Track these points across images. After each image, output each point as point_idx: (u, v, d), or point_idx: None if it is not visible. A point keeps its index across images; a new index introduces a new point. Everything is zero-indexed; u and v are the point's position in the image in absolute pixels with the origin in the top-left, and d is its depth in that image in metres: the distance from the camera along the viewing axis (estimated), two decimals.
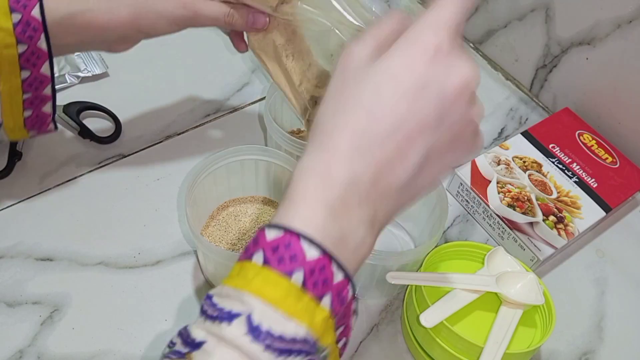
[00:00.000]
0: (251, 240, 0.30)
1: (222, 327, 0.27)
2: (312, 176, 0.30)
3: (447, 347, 0.44)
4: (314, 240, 0.28)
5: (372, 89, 0.30)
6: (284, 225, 0.29)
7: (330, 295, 0.29)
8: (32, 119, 0.47)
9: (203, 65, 0.70)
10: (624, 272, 0.57)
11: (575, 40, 0.64)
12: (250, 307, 0.27)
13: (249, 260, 0.29)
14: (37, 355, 0.47)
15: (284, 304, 0.27)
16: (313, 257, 0.28)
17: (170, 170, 0.60)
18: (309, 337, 0.28)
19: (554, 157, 0.61)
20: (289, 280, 0.28)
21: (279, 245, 0.28)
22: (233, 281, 0.29)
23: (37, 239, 0.54)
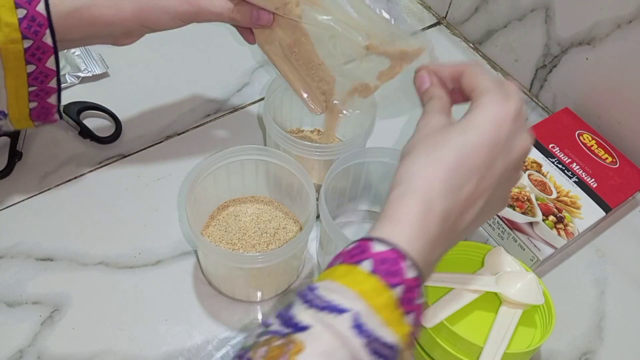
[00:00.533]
0: (355, 247, 0.33)
1: (331, 317, 0.29)
2: (414, 202, 0.33)
3: (447, 347, 0.44)
4: (415, 262, 0.32)
5: (459, 135, 0.35)
6: (390, 242, 0.32)
7: (414, 315, 0.32)
8: (38, 110, 0.48)
9: (203, 65, 0.71)
10: (624, 272, 0.57)
11: (575, 40, 0.64)
12: (357, 305, 0.30)
13: (357, 265, 0.32)
14: (37, 355, 0.47)
15: (384, 311, 0.30)
16: (412, 276, 0.32)
17: (170, 170, 0.60)
18: (397, 347, 0.30)
19: (554, 157, 0.61)
20: (392, 292, 0.31)
21: (386, 259, 0.31)
22: (342, 280, 0.31)
23: (37, 239, 0.54)
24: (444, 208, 0.33)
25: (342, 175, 0.52)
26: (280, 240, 0.53)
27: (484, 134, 0.34)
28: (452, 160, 0.34)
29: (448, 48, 0.77)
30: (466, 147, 0.34)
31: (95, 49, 0.68)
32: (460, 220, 0.35)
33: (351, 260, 0.32)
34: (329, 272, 0.32)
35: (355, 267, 0.31)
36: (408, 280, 0.31)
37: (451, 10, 0.79)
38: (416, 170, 0.34)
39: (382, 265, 0.31)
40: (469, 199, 0.34)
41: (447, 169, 0.34)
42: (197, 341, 0.49)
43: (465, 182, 0.34)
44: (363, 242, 0.33)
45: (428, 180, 0.33)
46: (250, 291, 0.51)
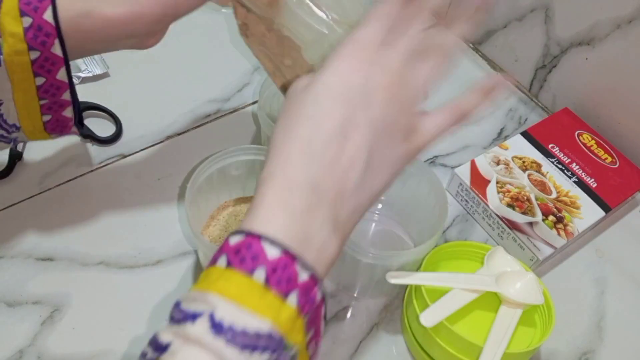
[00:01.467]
0: (217, 250, 0.31)
1: (186, 327, 0.28)
2: (271, 183, 0.32)
3: (446, 346, 0.44)
4: (275, 240, 0.30)
5: (311, 101, 0.33)
6: (245, 230, 0.30)
7: (297, 294, 0.29)
8: (52, 123, 0.44)
9: (203, 66, 0.71)
10: (624, 272, 0.57)
11: (575, 41, 0.64)
12: (213, 305, 0.28)
13: (213, 266, 0.30)
14: (37, 355, 0.47)
15: (247, 301, 0.28)
16: (274, 255, 0.29)
17: (170, 170, 0.60)
18: (274, 333, 0.28)
19: (554, 157, 0.61)
20: (251, 278, 0.29)
21: (240, 248, 0.30)
22: (199, 285, 0.30)
23: (37, 239, 0.54)
24: (309, 179, 0.31)
25: None
26: None
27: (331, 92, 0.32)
28: (306, 128, 0.32)
29: None
30: (317, 112, 0.32)
31: None
32: (338, 184, 0.32)
33: (209, 264, 0.31)
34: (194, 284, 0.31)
35: (211, 267, 0.30)
36: (271, 261, 0.29)
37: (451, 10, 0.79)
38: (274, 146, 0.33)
39: (236, 256, 0.29)
40: (339, 161, 0.32)
41: (303, 139, 0.32)
42: None
43: (326, 146, 0.32)
44: (224, 241, 0.31)
45: (285, 155, 0.32)
46: None
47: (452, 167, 0.63)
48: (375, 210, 0.58)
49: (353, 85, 0.32)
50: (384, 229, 0.57)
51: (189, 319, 0.28)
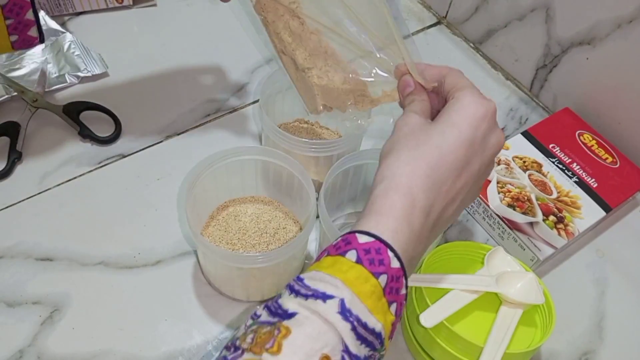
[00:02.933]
0: (341, 240, 0.34)
1: (316, 304, 0.30)
2: (399, 196, 0.34)
3: (447, 347, 0.44)
4: (398, 254, 0.33)
5: (438, 134, 0.36)
6: (374, 234, 0.33)
7: (396, 305, 0.33)
8: (20, 42, 0.48)
9: (203, 66, 0.70)
10: (624, 272, 0.57)
11: (576, 40, 0.64)
12: (343, 292, 0.31)
13: (343, 256, 0.32)
14: (37, 355, 0.47)
15: (369, 299, 0.31)
16: (395, 266, 0.32)
17: (170, 170, 0.60)
18: (382, 334, 0.31)
19: (554, 157, 0.61)
20: (377, 280, 0.32)
21: (370, 249, 0.32)
22: (327, 269, 0.32)
23: (37, 239, 0.54)
24: (427, 203, 0.35)
25: (341, 176, 0.52)
26: (280, 240, 0.53)
27: (462, 133, 0.36)
28: (433, 157, 0.35)
29: (448, 48, 0.77)
30: (446, 146, 0.36)
31: (95, 49, 0.68)
32: (441, 214, 0.36)
33: (337, 252, 0.33)
34: (316, 264, 0.33)
35: (340, 257, 0.32)
36: (392, 270, 0.32)
37: (451, 10, 0.79)
38: (398, 167, 0.35)
39: (366, 255, 0.32)
40: (449, 195, 0.36)
41: (429, 166, 0.35)
42: (197, 341, 0.49)
43: (446, 178, 0.35)
44: (348, 235, 0.34)
45: (410, 176, 0.35)
46: (250, 291, 0.51)
47: None
48: None
49: (479, 133, 0.36)
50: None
51: (320, 297, 0.30)
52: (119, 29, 0.73)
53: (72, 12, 0.74)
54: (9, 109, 0.62)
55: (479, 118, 0.36)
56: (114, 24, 0.74)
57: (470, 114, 0.36)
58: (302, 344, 0.29)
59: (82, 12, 0.74)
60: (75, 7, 0.73)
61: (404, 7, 0.82)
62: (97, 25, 0.73)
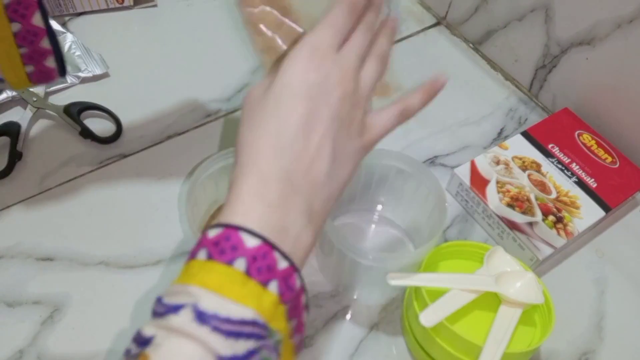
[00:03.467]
0: (196, 244, 0.32)
1: (169, 319, 0.28)
2: (245, 178, 0.33)
3: (446, 346, 0.44)
4: (253, 230, 0.30)
5: (273, 100, 0.34)
6: (223, 223, 0.31)
7: (277, 282, 0.30)
8: (36, 74, 0.44)
9: (204, 66, 0.71)
10: (624, 272, 0.57)
11: (575, 41, 0.64)
12: (196, 296, 0.28)
13: (194, 259, 0.31)
14: (37, 355, 0.47)
15: (229, 290, 0.29)
16: (254, 245, 0.30)
17: (170, 170, 0.60)
18: (258, 319, 0.29)
19: (554, 157, 0.61)
20: (232, 268, 0.29)
21: (219, 240, 0.30)
22: (180, 279, 0.30)
23: (37, 239, 0.54)
24: (282, 170, 0.33)
25: None
26: None
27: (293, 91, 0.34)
28: (272, 124, 0.34)
29: (448, 48, 0.77)
30: (281, 109, 0.34)
31: (96, 49, 0.68)
32: (310, 174, 0.34)
33: (189, 258, 0.31)
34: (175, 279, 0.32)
35: (191, 261, 0.31)
36: (249, 250, 0.30)
37: (451, 11, 0.79)
38: (242, 143, 0.34)
39: (215, 248, 0.30)
40: (308, 152, 0.34)
41: (270, 134, 0.34)
42: None
43: (294, 138, 0.33)
44: (201, 235, 0.32)
45: (255, 150, 0.34)
46: None
47: (451, 167, 0.63)
48: (375, 212, 0.58)
49: (312, 83, 0.34)
50: (383, 230, 0.57)
51: (172, 311, 0.28)
52: (120, 29, 0.74)
53: (72, 12, 0.74)
54: (10, 109, 0.63)
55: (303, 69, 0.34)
56: (115, 25, 0.74)
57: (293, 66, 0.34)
58: None
59: (83, 12, 0.74)
60: (76, 7, 0.74)
61: (404, 8, 0.82)
62: (98, 26, 0.73)
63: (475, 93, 0.72)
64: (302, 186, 0.33)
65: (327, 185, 0.35)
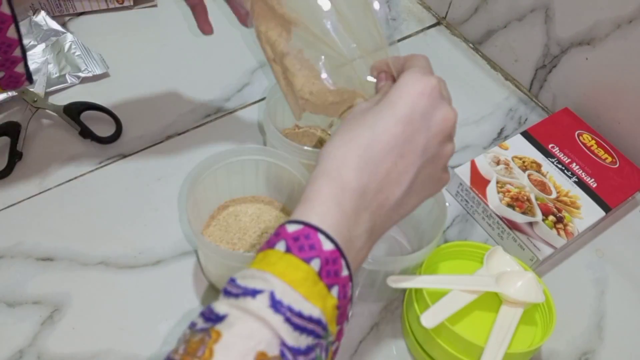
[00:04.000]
0: (273, 234, 0.33)
1: (246, 301, 0.29)
2: (326, 181, 0.34)
3: (447, 347, 0.44)
4: (329, 234, 0.32)
5: (373, 115, 0.35)
6: (302, 220, 0.32)
7: (338, 287, 0.32)
8: (6, 79, 0.47)
9: (204, 66, 0.71)
10: (624, 272, 0.57)
11: (575, 41, 0.64)
12: (273, 285, 0.30)
13: (272, 249, 0.32)
14: (37, 355, 0.47)
15: (303, 286, 0.30)
16: (328, 249, 0.31)
17: (170, 170, 0.60)
18: (322, 319, 0.30)
19: (554, 157, 0.61)
20: (309, 266, 0.31)
21: (299, 236, 0.31)
22: (257, 265, 0.32)
23: (37, 239, 0.54)
24: (360, 184, 0.34)
25: None
26: None
27: (397, 111, 0.35)
28: (365, 137, 0.34)
29: (448, 48, 0.77)
30: (379, 125, 0.35)
31: (96, 50, 0.68)
32: (383, 195, 0.35)
33: (267, 246, 0.32)
34: (249, 263, 0.33)
35: (269, 250, 0.32)
36: (325, 253, 0.31)
37: (451, 11, 0.79)
38: (329, 151, 0.35)
39: (295, 243, 0.31)
40: (390, 175, 0.34)
41: (360, 146, 0.34)
42: None
43: (382, 158, 0.34)
44: (279, 227, 0.33)
45: (341, 158, 0.34)
46: None
47: (452, 167, 0.62)
48: None
49: (417, 109, 0.35)
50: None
51: (249, 294, 0.30)
52: (120, 29, 0.73)
53: (72, 12, 0.74)
54: (10, 109, 0.63)
55: (417, 94, 0.35)
56: (115, 25, 0.74)
57: (406, 91, 0.35)
58: (234, 346, 0.28)
59: (83, 12, 0.74)
60: (76, 7, 0.74)
61: (404, 8, 0.82)
62: (98, 26, 0.73)
63: (475, 93, 0.72)
64: (373, 204, 0.34)
65: (393, 211, 0.36)
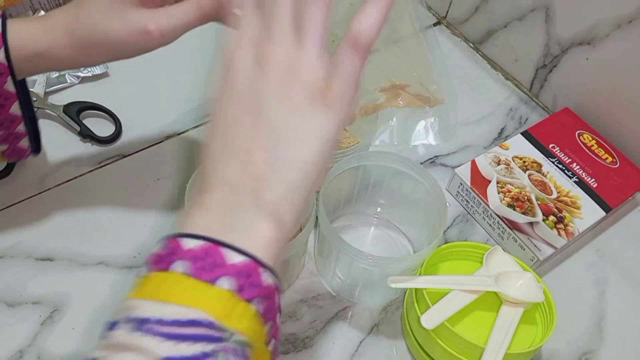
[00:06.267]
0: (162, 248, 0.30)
1: (111, 336, 0.27)
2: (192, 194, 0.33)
3: (448, 348, 0.44)
4: (192, 234, 0.29)
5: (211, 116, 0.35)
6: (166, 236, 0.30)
7: (230, 278, 0.27)
8: (10, 152, 0.48)
9: (203, 65, 0.70)
10: (624, 272, 0.57)
11: (575, 40, 0.64)
12: (131, 308, 0.28)
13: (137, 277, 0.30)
14: (37, 355, 0.47)
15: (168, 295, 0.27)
16: (193, 246, 0.28)
17: (170, 170, 0.60)
18: (202, 318, 0.26)
19: (554, 157, 0.61)
20: (170, 273, 0.28)
21: (160, 253, 0.29)
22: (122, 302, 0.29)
23: (37, 239, 0.54)
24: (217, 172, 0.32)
25: (339, 179, 0.52)
26: None
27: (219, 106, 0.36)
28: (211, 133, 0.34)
29: (448, 48, 0.77)
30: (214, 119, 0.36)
31: None
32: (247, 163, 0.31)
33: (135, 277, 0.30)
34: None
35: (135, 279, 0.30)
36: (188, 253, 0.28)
37: (451, 10, 0.79)
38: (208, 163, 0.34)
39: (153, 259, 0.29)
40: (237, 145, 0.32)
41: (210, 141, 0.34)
42: None
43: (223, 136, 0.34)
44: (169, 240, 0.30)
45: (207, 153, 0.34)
46: None
47: (452, 167, 0.62)
48: (374, 214, 0.58)
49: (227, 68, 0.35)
50: (383, 233, 0.57)
51: (111, 328, 0.28)
52: None
53: None
54: None
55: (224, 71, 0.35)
56: None
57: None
58: None
59: None
60: None
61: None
62: None
63: (476, 93, 0.72)
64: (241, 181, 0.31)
65: (278, 173, 0.31)
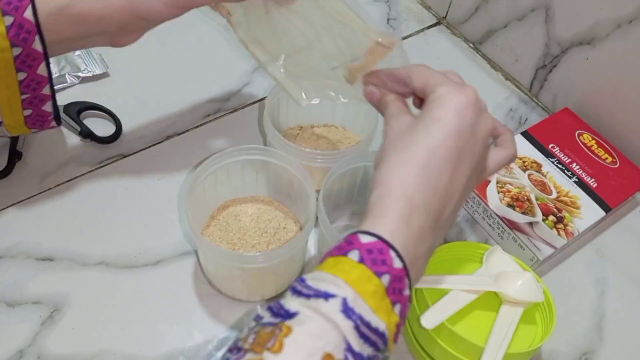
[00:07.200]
0: (344, 242, 0.34)
1: (319, 302, 0.30)
2: (392, 200, 0.34)
3: (448, 347, 0.44)
4: (400, 253, 0.33)
5: (424, 132, 0.36)
6: (376, 234, 0.33)
7: (400, 306, 0.33)
8: (33, 117, 0.47)
9: (203, 65, 0.70)
10: (624, 272, 0.57)
11: (575, 40, 0.64)
12: (345, 292, 0.31)
13: (345, 256, 0.33)
14: (37, 355, 0.47)
15: (372, 299, 0.31)
16: (398, 266, 0.32)
17: (170, 170, 0.60)
18: (386, 334, 0.31)
19: (554, 157, 0.61)
20: (379, 280, 0.32)
21: (373, 249, 0.32)
22: (329, 269, 0.32)
23: (37, 239, 0.54)
24: (424, 202, 0.34)
25: (340, 179, 0.52)
26: (280, 240, 0.53)
27: (446, 125, 0.35)
28: (422, 156, 0.35)
29: (448, 48, 0.77)
30: (433, 142, 0.35)
31: (96, 49, 0.68)
32: (444, 210, 0.35)
33: (339, 253, 0.33)
34: (319, 266, 0.33)
35: (342, 257, 0.33)
36: (395, 270, 0.32)
37: (451, 10, 0.79)
38: (389, 172, 0.35)
39: (369, 255, 0.32)
40: (447, 189, 0.35)
41: (418, 165, 0.35)
42: (197, 341, 0.49)
43: (440, 174, 0.35)
44: (350, 236, 0.34)
45: (402, 179, 0.34)
46: (250, 291, 0.51)
47: None
48: None
49: (465, 122, 0.36)
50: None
51: (322, 297, 0.30)
52: None
53: None
54: None
55: (462, 107, 0.36)
56: None
57: (452, 105, 0.36)
58: (304, 342, 0.29)
59: None
60: None
61: (404, 8, 0.82)
62: None
63: None
64: (433, 222, 0.35)
65: (446, 225, 0.37)
